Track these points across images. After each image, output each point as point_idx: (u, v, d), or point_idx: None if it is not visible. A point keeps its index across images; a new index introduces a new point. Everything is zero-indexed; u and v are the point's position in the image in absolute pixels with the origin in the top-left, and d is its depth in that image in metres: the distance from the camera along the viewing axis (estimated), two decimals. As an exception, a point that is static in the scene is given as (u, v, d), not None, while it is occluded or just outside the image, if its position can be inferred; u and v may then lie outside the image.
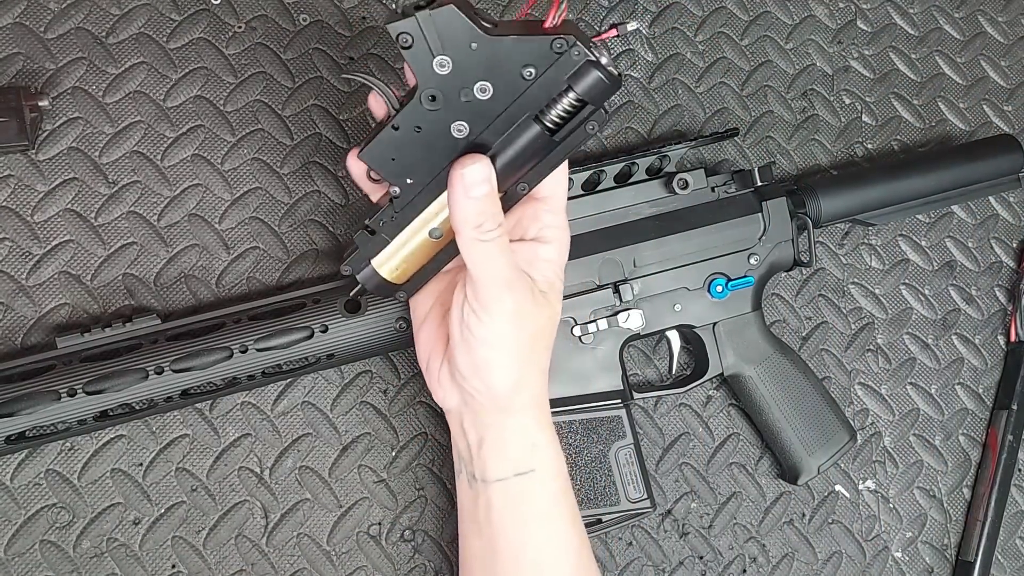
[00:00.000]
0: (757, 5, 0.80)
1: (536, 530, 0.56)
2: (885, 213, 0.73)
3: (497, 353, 0.53)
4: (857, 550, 0.73)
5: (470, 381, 0.54)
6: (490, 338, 0.53)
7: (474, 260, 0.51)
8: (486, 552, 0.57)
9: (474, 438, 0.56)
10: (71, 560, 0.63)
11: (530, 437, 0.56)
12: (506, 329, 0.53)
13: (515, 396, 0.55)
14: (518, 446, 0.56)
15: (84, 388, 0.58)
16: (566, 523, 0.57)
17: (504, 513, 0.56)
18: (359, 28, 0.73)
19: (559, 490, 0.57)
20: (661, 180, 0.67)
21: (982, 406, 0.77)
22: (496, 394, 0.54)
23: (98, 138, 0.67)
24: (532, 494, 0.56)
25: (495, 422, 0.55)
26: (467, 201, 0.50)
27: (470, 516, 0.58)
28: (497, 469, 0.56)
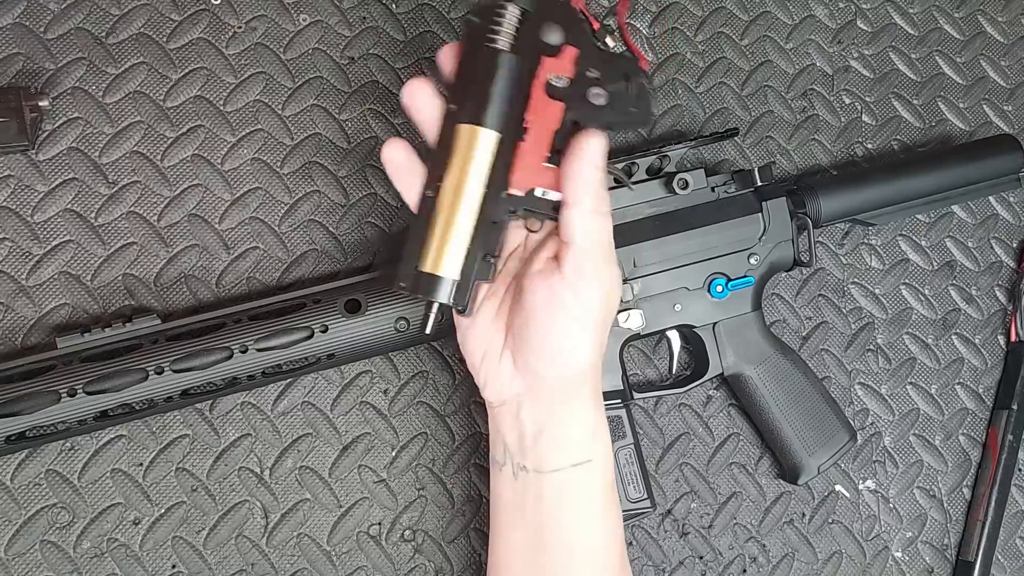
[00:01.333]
0: (757, 5, 0.80)
1: (587, 520, 0.56)
2: (885, 213, 0.73)
3: (585, 332, 0.54)
4: (857, 550, 0.73)
5: (549, 363, 0.54)
6: (582, 315, 0.53)
7: (588, 231, 0.53)
8: (530, 544, 0.56)
9: (532, 428, 0.56)
10: (71, 560, 0.63)
11: (591, 424, 0.56)
12: (598, 305, 0.53)
13: (587, 379, 0.55)
14: (580, 433, 0.56)
15: (84, 388, 0.58)
16: (614, 512, 0.58)
17: (557, 504, 0.56)
18: (359, 28, 0.73)
19: (609, 480, 0.58)
20: (661, 180, 0.67)
21: (982, 406, 0.77)
22: (573, 375, 0.55)
23: (98, 138, 0.67)
24: (587, 485, 0.56)
25: (559, 408, 0.55)
26: (591, 171, 0.52)
27: (513, 509, 0.57)
28: (555, 459, 0.55)
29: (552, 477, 0.56)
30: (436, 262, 0.54)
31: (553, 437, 0.55)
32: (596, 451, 0.56)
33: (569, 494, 0.56)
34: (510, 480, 0.57)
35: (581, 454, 0.56)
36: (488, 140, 0.53)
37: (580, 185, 0.52)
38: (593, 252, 0.53)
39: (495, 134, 0.53)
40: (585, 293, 0.53)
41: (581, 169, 0.52)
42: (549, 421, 0.55)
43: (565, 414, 0.56)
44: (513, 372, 0.56)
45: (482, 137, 0.53)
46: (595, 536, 0.57)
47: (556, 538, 0.56)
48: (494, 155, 0.53)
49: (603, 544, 0.57)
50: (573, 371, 0.55)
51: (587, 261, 0.53)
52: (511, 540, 0.58)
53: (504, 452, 0.58)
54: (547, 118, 0.53)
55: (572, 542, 0.56)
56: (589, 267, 0.53)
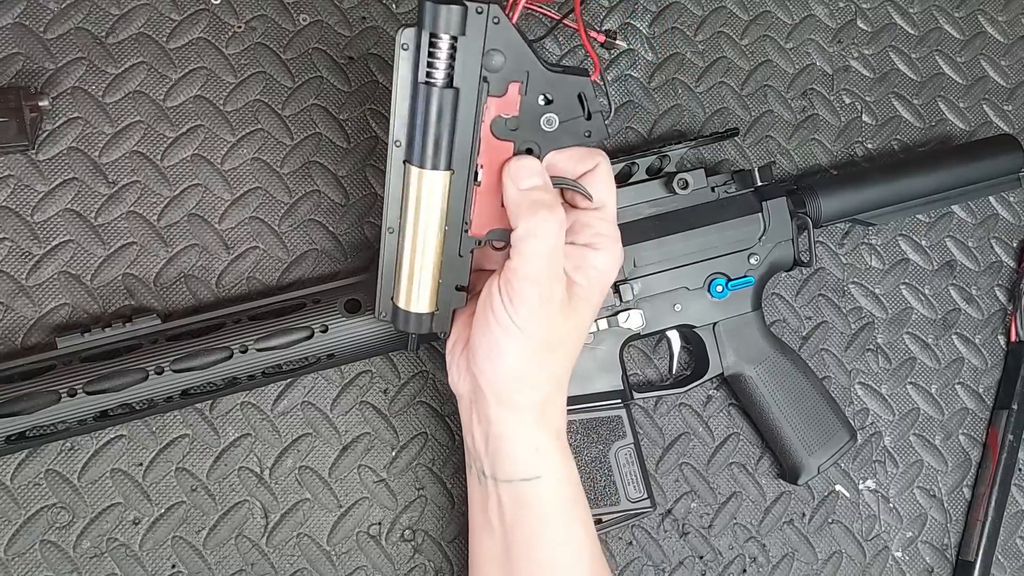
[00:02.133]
0: (757, 5, 0.80)
1: (548, 532, 0.56)
2: (885, 213, 0.73)
3: (511, 341, 0.54)
4: (857, 550, 0.73)
5: (480, 362, 0.55)
6: (509, 326, 0.53)
7: (517, 248, 0.53)
8: (500, 551, 0.57)
9: (480, 433, 0.57)
10: (71, 560, 0.63)
11: (532, 440, 0.56)
12: (527, 323, 0.53)
13: (516, 392, 0.55)
14: (522, 448, 0.56)
15: (84, 388, 0.58)
16: (578, 529, 0.57)
17: (514, 512, 0.56)
18: (359, 28, 0.73)
19: (568, 497, 0.57)
20: (661, 180, 0.67)
21: (982, 406, 0.77)
22: (498, 382, 0.55)
23: (98, 138, 0.67)
24: (540, 500, 0.56)
25: (497, 418, 0.56)
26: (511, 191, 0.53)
27: (482, 513, 0.58)
28: (504, 470, 0.56)
29: (505, 487, 0.56)
30: (409, 298, 0.56)
31: (498, 447, 0.56)
32: (544, 468, 0.56)
33: (524, 506, 0.56)
34: (477, 484, 0.58)
35: (528, 470, 0.56)
36: (439, 181, 0.52)
37: (509, 210, 0.53)
38: (520, 274, 0.53)
39: (445, 174, 0.52)
40: (512, 308, 0.53)
41: (506, 192, 0.53)
42: (492, 431, 0.56)
43: (503, 426, 0.56)
44: (467, 369, 0.57)
45: (432, 179, 0.52)
46: (560, 547, 0.56)
47: (519, 545, 0.56)
48: (447, 197, 0.53)
49: (568, 556, 0.57)
50: (499, 377, 0.55)
51: (516, 281, 0.53)
52: (485, 547, 0.58)
53: (469, 454, 0.58)
54: (498, 159, 0.53)
55: (535, 551, 0.56)
56: (516, 285, 0.53)
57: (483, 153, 0.53)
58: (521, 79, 0.52)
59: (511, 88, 0.52)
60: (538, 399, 0.56)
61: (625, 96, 0.76)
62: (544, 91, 0.52)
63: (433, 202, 0.53)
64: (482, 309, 0.54)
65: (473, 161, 0.53)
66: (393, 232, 0.55)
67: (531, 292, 0.53)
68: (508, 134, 0.53)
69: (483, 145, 0.53)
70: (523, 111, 0.52)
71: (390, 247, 0.55)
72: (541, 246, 0.53)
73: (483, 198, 0.54)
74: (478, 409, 0.57)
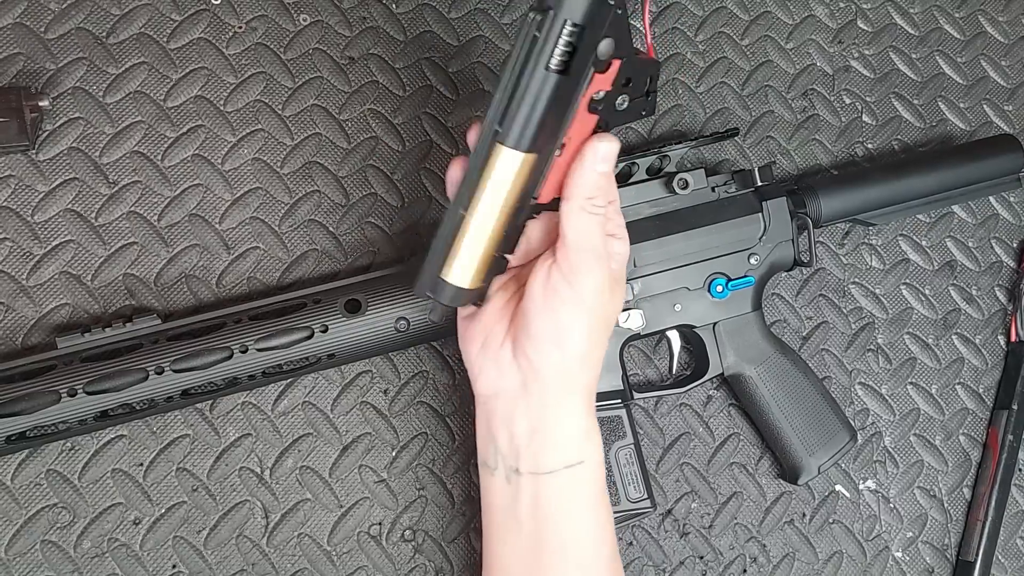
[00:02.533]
0: (757, 5, 0.80)
1: (581, 522, 0.56)
2: (885, 213, 0.73)
3: (578, 318, 0.54)
4: (858, 550, 0.73)
5: (545, 347, 0.55)
6: (576, 301, 0.54)
7: (577, 227, 0.54)
8: (529, 549, 0.56)
9: (524, 428, 0.56)
10: (72, 560, 0.63)
11: (584, 423, 0.56)
12: (592, 295, 0.54)
13: (582, 370, 0.56)
14: (575, 433, 0.56)
15: (85, 388, 0.58)
16: (605, 514, 0.58)
17: (552, 507, 0.56)
18: (359, 28, 0.73)
19: (601, 482, 0.58)
20: (661, 180, 0.67)
21: (982, 406, 0.77)
22: (569, 361, 0.55)
23: (98, 138, 0.67)
24: (581, 487, 0.56)
25: (555, 405, 0.55)
26: (591, 173, 0.54)
27: (507, 515, 0.57)
28: (549, 460, 0.56)
29: (546, 480, 0.56)
30: (462, 274, 0.54)
31: (547, 437, 0.56)
32: (588, 452, 0.57)
33: (564, 497, 0.56)
34: (503, 485, 0.57)
35: (575, 455, 0.56)
36: (527, 163, 0.52)
37: (575, 183, 0.54)
38: (581, 246, 0.54)
39: (534, 156, 0.52)
40: (576, 283, 0.54)
41: (582, 170, 0.54)
42: (542, 420, 0.56)
43: (560, 411, 0.56)
44: (511, 362, 0.56)
45: (521, 161, 0.51)
46: (587, 537, 0.57)
47: (552, 541, 0.56)
48: (530, 176, 0.52)
49: (595, 544, 0.57)
50: (567, 358, 0.55)
51: (577, 257, 0.54)
52: (507, 546, 0.58)
53: (495, 455, 0.57)
54: (584, 132, 0.54)
55: (566, 545, 0.56)
56: (578, 263, 0.54)
57: (573, 127, 0.53)
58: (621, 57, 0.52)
59: (613, 64, 0.52)
60: (591, 380, 0.57)
61: (625, 96, 0.76)
62: (627, 74, 0.54)
63: (513, 183, 0.52)
64: (540, 293, 0.54)
65: (561, 139, 0.53)
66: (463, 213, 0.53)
67: (594, 264, 0.54)
68: (598, 108, 0.53)
69: (576, 121, 0.53)
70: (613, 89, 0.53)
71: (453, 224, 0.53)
72: (599, 224, 0.54)
73: (557, 167, 0.54)
74: (526, 403, 0.56)
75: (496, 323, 0.57)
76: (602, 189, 0.54)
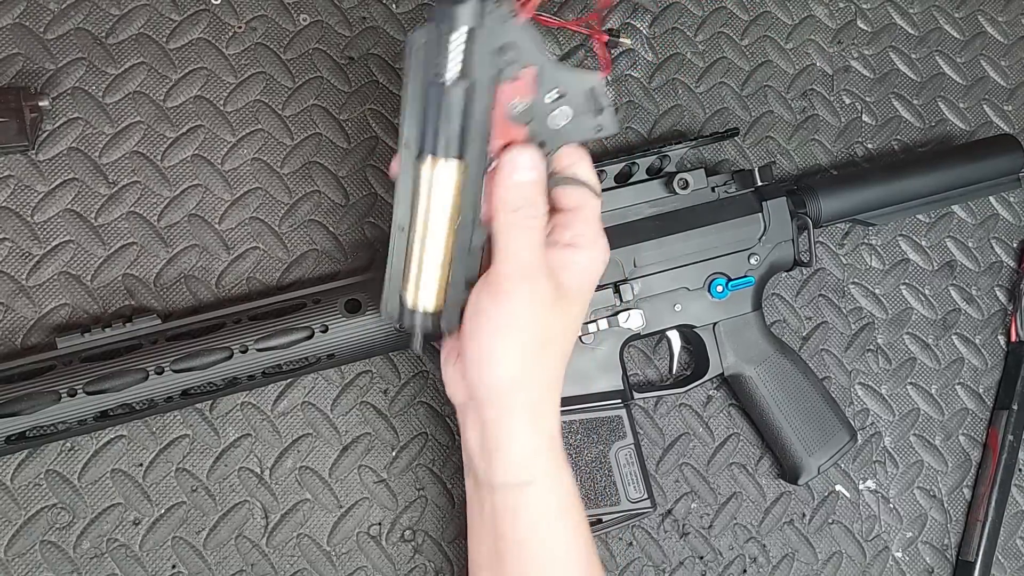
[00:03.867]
0: (757, 5, 0.80)
1: (538, 539, 0.56)
2: (885, 213, 0.73)
3: (501, 342, 0.53)
4: (857, 550, 0.73)
5: (472, 371, 0.54)
6: (500, 326, 0.53)
7: (500, 244, 0.52)
8: (492, 553, 0.56)
9: (475, 441, 0.56)
10: (71, 560, 0.63)
11: (526, 444, 0.55)
12: (519, 320, 0.53)
13: (516, 391, 0.54)
14: (518, 453, 0.55)
15: (84, 388, 0.58)
16: (570, 533, 0.57)
17: (507, 519, 0.55)
18: (359, 28, 0.73)
19: (560, 504, 0.56)
20: (661, 180, 0.67)
21: (982, 406, 0.77)
22: (494, 387, 0.54)
23: (98, 138, 0.67)
24: (533, 506, 0.55)
25: (493, 421, 0.55)
26: (508, 183, 0.52)
27: (475, 517, 0.58)
28: (499, 475, 0.55)
29: (499, 492, 0.55)
30: (419, 297, 0.55)
31: (491, 452, 0.55)
32: (536, 473, 0.55)
33: (517, 511, 0.55)
34: (474, 488, 0.57)
35: (521, 474, 0.55)
36: (453, 172, 0.52)
37: (495, 195, 0.52)
38: (508, 266, 0.52)
39: (457, 163, 0.52)
40: (505, 304, 0.52)
41: (499, 180, 0.52)
42: (484, 435, 0.55)
43: (498, 431, 0.55)
44: (461, 376, 0.56)
45: (444, 170, 0.52)
46: (549, 555, 0.56)
47: (511, 550, 0.56)
48: (459, 187, 0.52)
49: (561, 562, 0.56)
50: (496, 382, 0.54)
51: (502, 275, 0.52)
52: (479, 551, 0.58)
53: (467, 458, 0.58)
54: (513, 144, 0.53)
55: (526, 558, 0.55)
56: (502, 279, 0.52)
57: (497, 137, 0.52)
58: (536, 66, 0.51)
59: (525, 73, 0.51)
60: (533, 400, 0.55)
61: (625, 96, 0.76)
62: (556, 85, 0.52)
63: (446, 194, 0.52)
64: (472, 317, 0.54)
65: (485, 150, 0.52)
66: (403, 231, 0.54)
67: (521, 288, 0.52)
68: (524, 120, 0.52)
69: (497, 129, 0.52)
70: (535, 105, 0.52)
71: (399, 246, 0.54)
72: (526, 239, 0.52)
73: None
74: (473, 416, 0.56)
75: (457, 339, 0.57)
76: (528, 199, 0.52)
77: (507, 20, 0.50)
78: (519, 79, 0.51)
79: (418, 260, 0.54)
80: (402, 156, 0.52)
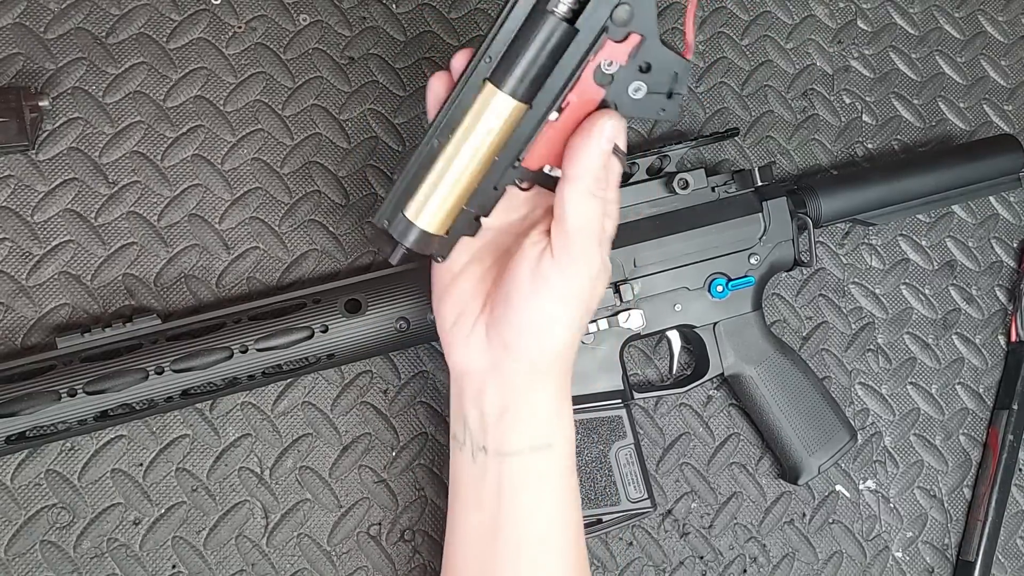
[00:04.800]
0: (757, 5, 0.80)
1: (545, 506, 0.55)
2: (885, 213, 0.73)
3: (566, 311, 0.52)
4: (858, 550, 0.73)
5: (524, 339, 0.53)
6: (566, 294, 0.52)
7: (579, 212, 0.51)
8: (487, 527, 0.56)
9: (495, 407, 0.55)
10: (71, 560, 0.63)
11: (555, 407, 0.55)
12: (584, 285, 0.52)
13: (560, 358, 0.54)
14: (543, 416, 0.55)
15: (84, 388, 0.58)
16: (571, 499, 0.57)
17: (515, 488, 0.55)
18: (359, 28, 0.73)
19: (569, 465, 0.57)
20: (661, 180, 0.67)
21: (983, 406, 0.77)
22: (546, 355, 0.53)
23: (98, 138, 0.67)
24: (546, 470, 0.55)
25: (525, 389, 0.54)
26: (597, 152, 0.50)
27: (470, 491, 0.57)
28: (516, 442, 0.54)
29: (511, 461, 0.55)
30: (426, 215, 0.52)
31: (516, 417, 0.54)
32: (556, 436, 0.55)
33: (527, 479, 0.55)
34: (468, 462, 0.56)
35: (542, 437, 0.55)
36: (516, 112, 0.50)
37: (582, 162, 0.50)
38: (583, 233, 0.51)
39: (525, 108, 0.50)
40: (571, 273, 0.51)
41: (588, 147, 0.50)
42: (514, 400, 0.54)
43: (531, 393, 0.54)
44: (484, 344, 0.54)
45: (512, 109, 0.50)
46: (551, 521, 0.56)
47: (512, 522, 0.55)
48: (516, 127, 0.50)
49: (560, 528, 0.56)
50: (547, 350, 0.53)
51: (576, 242, 0.51)
52: (468, 522, 0.57)
53: (464, 430, 0.56)
54: (586, 102, 0.51)
55: (527, 526, 0.55)
56: (577, 248, 0.51)
57: (574, 92, 0.51)
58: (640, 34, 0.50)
59: (631, 38, 0.50)
60: (571, 362, 0.55)
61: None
62: (647, 59, 0.51)
63: (499, 129, 0.50)
64: (528, 280, 0.52)
65: (559, 99, 0.51)
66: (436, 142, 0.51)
67: (594, 252, 0.51)
68: (606, 81, 0.51)
69: (580, 85, 0.51)
70: (622, 71, 0.51)
71: (426, 155, 0.52)
72: (599, 207, 0.51)
73: (551, 134, 0.52)
74: (498, 384, 0.54)
75: (471, 299, 0.55)
76: (605, 170, 0.51)
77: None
78: (624, 41, 0.50)
79: (437, 176, 0.52)
80: (476, 66, 0.50)
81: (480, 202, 0.53)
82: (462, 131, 0.51)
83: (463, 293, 0.56)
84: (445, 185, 0.52)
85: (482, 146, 0.51)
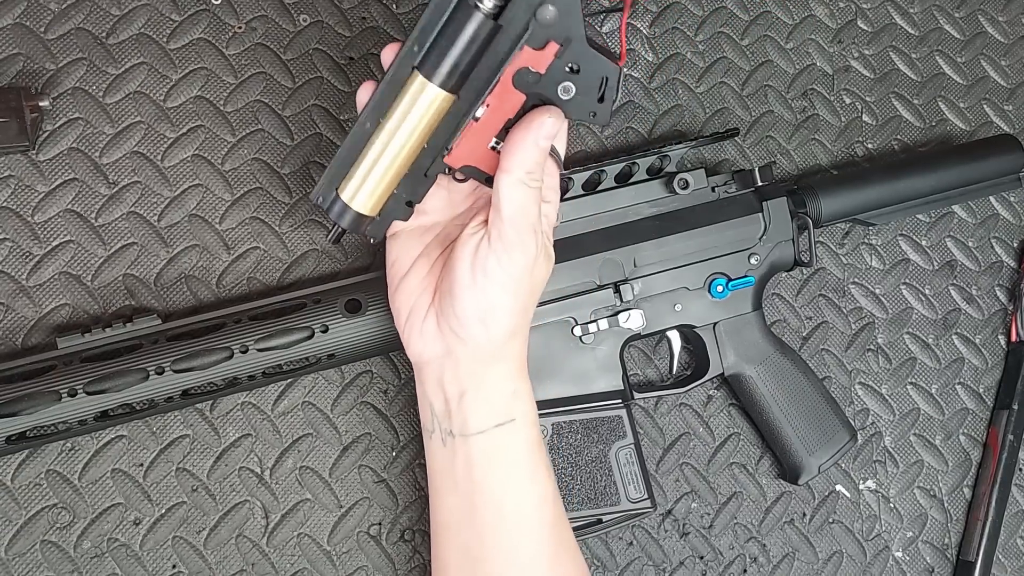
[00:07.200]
0: (757, 5, 0.80)
1: (516, 480, 0.57)
2: (885, 213, 0.73)
3: (507, 297, 0.54)
4: (858, 550, 0.73)
5: (470, 327, 0.55)
6: (506, 281, 0.54)
7: (513, 201, 0.52)
8: (464, 509, 0.57)
9: (454, 391, 0.56)
10: (72, 560, 0.63)
11: (512, 384, 0.57)
12: (523, 272, 0.54)
13: (509, 343, 0.56)
14: (501, 394, 0.56)
15: (85, 388, 0.58)
16: (543, 475, 0.58)
17: (484, 466, 0.56)
18: (359, 28, 0.73)
19: (535, 439, 0.58)
20: (661, 180, 0.67)
21: (983, 406, 0.77)
22: (494, 340, 0.55)
23: (98, 138, 0.67)
24: (512, 444, 0.57)
25: (480, 371, 0.56)
26: (533, 146, 0.52)
27: (445, 476, 0.58)
28: (478, 421, 0.56)
29: (477, 440, 0.56)
30: (358, 197, 0.55)
31: (475, 398, 0.56)
32: (517, 411, 0.57)
33: (494, 455, 0.56)
34: (440, 447, 0.58)
35: (503, 414, 0.56)
36: (439, 100, 0.52)
37: (517, 154, 0.52)
38: (518, 221, 0.53)
39: (450, 98, 0.52)
40: (508, 260, 0.53)
41: (524, 140, 0.52)
42: (470, 382, 0.56)
43: (486, 375, 0.56)
44: (436, 333, 0.56)
45: (435, 96, 0.51)
46: (525, 495, 0.57)
47: (486, 500, 0.56)
48: (441, 117, 0.52)
49: (535, 503, 0.57)
50: (494, 335, 0.55)
51: (511, 229, 0.53)
52: (446, 506, 0.58)
53: (432, 418, 0.58)
54: (506, 107, 0.53)
55: (502, 503, 0.56)
56: (513, 235, 0.53)
57: (494, 95, 0.52)
58: (561, 42, 0.51)
59: (549, 47, 0.51)
60: (523, 345, 0.57)
61: (625, 96, 0.76)
62: (575, 61, 0.52)
63: (426, 117, 0.52)
64: (468, 271, 0.54)
65: (482, 97, 0.52)
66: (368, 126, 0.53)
67: (529, 239, 0.53)
68: (525, 87, 0.52)
69: (499, 89, 0.52)
70: (549, 72, 0.52)
71: (358, 138, 0.54)
72: (534, 197, 0.53)
73: (473, 135, 0.54)
74: (453, 370, 0.56)
75: (422, 292, 0.57)
76: (540, 164, 0.53)
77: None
78: (542, 49, 0.51)
79: (371, 161, 0.54)
80: (402, 55, 0.52)
81: (411, 187, 0.55)
82: (394, 117, 0.53)
83: (414, 287, 0.58)
84: (378, 169, 0.54)
85: (412, 132, 0.53)
